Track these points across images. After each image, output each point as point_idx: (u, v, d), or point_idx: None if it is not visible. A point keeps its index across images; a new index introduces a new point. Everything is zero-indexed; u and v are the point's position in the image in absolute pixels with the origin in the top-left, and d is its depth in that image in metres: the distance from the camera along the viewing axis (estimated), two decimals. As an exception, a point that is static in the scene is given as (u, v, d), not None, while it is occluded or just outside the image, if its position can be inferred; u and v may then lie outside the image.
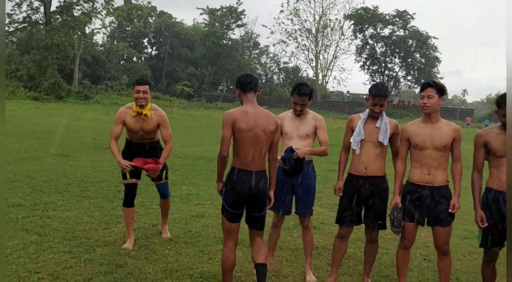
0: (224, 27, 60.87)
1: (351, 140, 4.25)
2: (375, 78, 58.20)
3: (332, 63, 62.48)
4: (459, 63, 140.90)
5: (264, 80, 65.85)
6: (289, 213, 4.62)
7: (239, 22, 61.92)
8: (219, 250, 5.06)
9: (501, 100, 3.74)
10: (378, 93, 4.13)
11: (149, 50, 68.89)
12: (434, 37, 55.74)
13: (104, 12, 45.97)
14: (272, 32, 73.28)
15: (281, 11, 64.08)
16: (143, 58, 67.15)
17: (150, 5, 62.76)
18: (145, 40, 67.34)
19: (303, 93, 4.40)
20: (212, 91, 62.04)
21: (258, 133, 3.69)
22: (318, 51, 61.22)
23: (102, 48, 57.66)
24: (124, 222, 5.33)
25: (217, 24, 60.53)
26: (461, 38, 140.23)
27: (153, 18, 63.83)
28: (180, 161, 11.39)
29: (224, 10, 60.39)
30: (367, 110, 4.25)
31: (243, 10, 61.25)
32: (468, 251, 5.61)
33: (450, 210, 3.89)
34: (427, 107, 3.91)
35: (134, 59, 61.52)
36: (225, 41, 61.31)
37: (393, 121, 4.27)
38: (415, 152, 4.00)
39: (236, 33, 64.12)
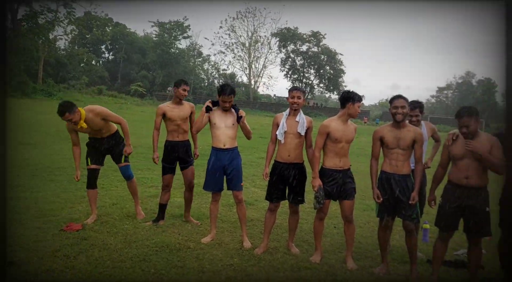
0: (172, 38, 59.31)
1: (277, 133, 4.33)
2: (295, 85, 59.38)
3: (262, 71, 62.96)
4: (358, 74, 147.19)
5: (206, 84, 65.04)
6: (221, 190, 4.62)
7: (185, 34, 60.62)
8: (171, 224, 5.00)
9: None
10: (292, 88, 4.35)
11: (106, 55, 65.66)
12: (340, 54, 57.77)
13: (66, 21, 43.02)
14: (212, 44, 72.82)
15: (220, 27, 63.49)
16: (101, 62, 64.07)
17: (107, 17, 59.73)
18: (103, 47, 64.06)
19: (229, 93, 4.43)
20: (162, 91, 60.45)
21: None
22: (250, 61, 61.37)
23: (64, 52, 54.13)
24: (88, 202, 5.10)
25: (166, 35, 58.82)
26: (360, 55, 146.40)
27: (110, 28, 60.73)
28: (135, 150, 10.96)
29: (172, 23, 58.82)
30: (289, 109, 4.37)
31: (189, 25, 60.04)
32: (367, 220, 5.87)
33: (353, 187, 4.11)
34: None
35: (93, 62, 58.37)
36: (173, 50, 59.81)
37: (308, 118, 4.39)
38: (332, 144, 4.10)
39: (183, 44, 62.75)
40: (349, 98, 4.08)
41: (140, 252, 4.06)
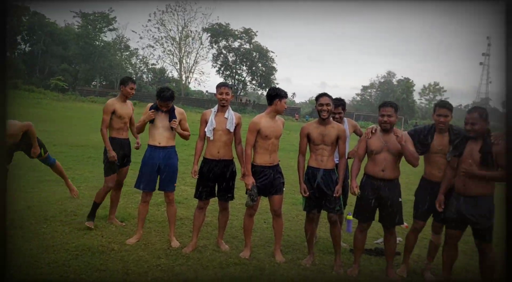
0: (97, 30, 56.34)
1: (206, 129, 4.30)
2: (228, 81, 59.39)
3: (193, 67, 62.20)
4: (290, 73, 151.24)
5: (134, 79, 62.56)
6: (153, 190, 4.52)
7: (111, 27, 57.89)
8: (94, 226, 4.74)
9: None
10: (220, 84, 4.34)
11: (23, 46, 60.59)
12: (272, 52, 58.86)
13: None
14: (141, 38, 70.18)
15: (149, 20, 61.32)
16: (16, 53, 58.94)
17: (23, 5, 55.08)
18: (19, 37, 59.00)
19: (166, 99, 4.36)
20: (86, 86, 57.19)
21: None
22: (181, 56, 60.34)
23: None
24: None
25: (89, 27, 55.72)
26: (292, 54, 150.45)
27: (27, 17, 56.09)
28: (55, 148, 10.30)
29: (97, 15, 55.87)
30: (217, 105, 4.36)
31: (115, 17, 57.42)
32: (296, 214, 6.06)
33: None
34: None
35: (8, 54, 53.51)
36: (97, 43, 56.83)
37: (237, 114, 4.41)
38: (262, 141, 4.14)
39: (108, 36, 59.92)
40: (276, 95, 4.16)
41: (58, 256, 3.80)
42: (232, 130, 4.28)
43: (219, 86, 4.35)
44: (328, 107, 4.05)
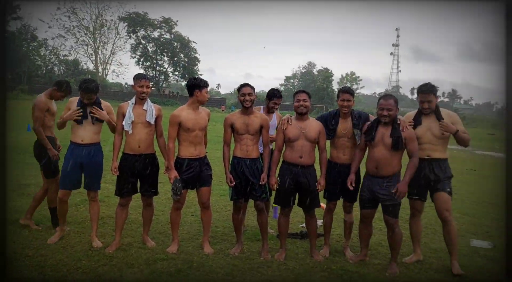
0: (-3, 18, 51.15)
1: (123, 123, 4.13)
2: (148, 73, 57.38)
3: (110, 58, 58.90)
4: (213, 63, 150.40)
5: (44, 71, 57.90)
6: (76, 188, 4.31)
7: (14, 15, 52.72)
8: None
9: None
10: (139, 76, 4.21)
11: None
12: (194, 42, 57.91)
13: None
14: (50, 27, 64.60)
15: (58, 8, 56.46)
16: None
17: None
18: None
19: (89, 90, 4.15)
20: (-13, 80, 51.80)
21: None
22: (96, 47, 56.81)
23: None
24: None
25: (-12, 14, 50.39)
26: (215, 45, 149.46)
27: None
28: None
29: (-4, 1, 50.66)
30: (134, 97, 4.22)
31: (18, 5, 52.34)
32: (224, 205, 6.10)
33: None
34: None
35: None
36: (-1, 32, 51.64)
37: (157, 106, 4.31)
38: (185, 133, 4.09)
39: (12, 26, 54.40)
40: (195, 85, 4.13)
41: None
42: (152, 122, 4.16)
43: (138, 78, 4.19)
44: (250, 97, 4.12)
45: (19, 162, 8.04)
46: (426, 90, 4.04)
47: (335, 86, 64.97)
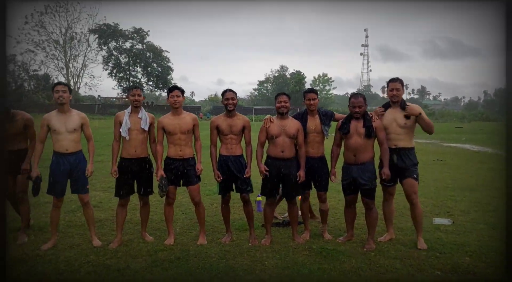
0: (-38, 34, 49.85)
1: (121, 130, 4.58)
2: (122, 84, 57.14)
3: (82, 71, 58.28)
4: (185, 71, 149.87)
5: (14, 87, 56.70)
6: (64, 195, 4.61)
7: (-21, 31, 51.61)
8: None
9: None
10: (131, 86, 4.76)
11: None
12: (166, 51, 58.15)
13: None
14: (18, 42, 63.38)
15: (26, 22, 55.63)
16: None
17: None
18: None
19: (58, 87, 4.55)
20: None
21: None
22: (67, 60, 56.15)
23: None
24: None
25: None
26: (185, 53, 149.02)
27: None
28: None
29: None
30: (130, 106, 4.68)
31: (-17, 19, 51.28)
32: (210, 202, 6.53)
33: (198, 173, 4.68)
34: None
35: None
36: (-36, 49, 50.30)
37: (150, 114, 4.78)
38: (169, 136, 4.62)
39: (-23, 42, 53.09)
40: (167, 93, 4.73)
41: (-19, 270, 3.81)
42: (146, 129, 4.62)
43: (130, 88, 4.69)
44: (233, 101, 4.65)
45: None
46: (394, 79, 4.65)
47: (307, 87, 66.12)
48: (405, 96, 4.74)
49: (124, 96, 56.83)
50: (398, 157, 4.59)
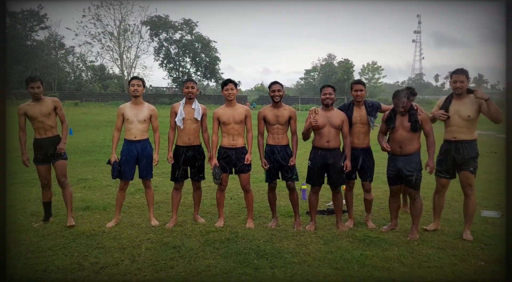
0: (27, 29, 53.38)
1: (176, 119, 4.95)
2: (172, 74, 58.83)
3: (135, 62, 60.80)
4: (231, 61, 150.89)
5: (73, 78, 60.23)
6: (132, 179, 5.08)
7: (43, 25, 55.03)
8: (79, 215, 5.23)
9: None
10: (185, 80, 5.07)
11: None
12: (214, 41, 59.02)
13: None
14: (76, 34, 66.98)
15: (83, 15, 58.73)
16: None
17: None
18: None
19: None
20: (21, 89, 54.28)
21: None
22: (121, 51, 58.72)
23: None
24: None
25: (19, 26, 52.65)
26: (231, 43, 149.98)
27: None
28: (10, 154, 10.38)
29: (26, 13, 52.86)
30: (184, 98, 5.01)
31: (45, 14, 54.59)
32: (257, 190, 6.83)
33: (246, 162, 4.94)
34: (231, 96, 4.89)
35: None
36: (29, 42, 53.91)
37: (203, 105, 5.10)
38: (223, 126, 4.90)
39: (40, 35, 56.80)
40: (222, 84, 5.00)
41: (57, 242, 4.34)
42: (199, 119, 4.96)
43: (184, 81, 5.02)
44: (279, 93, 4.86)
45: (73, 161, 9.04)
46: (459, 70, 4.58)
47: (357, 77, 64.67)
48: None
49: (174, 86, 58.65)
50: (455, 150, 4.58)
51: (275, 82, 4.95)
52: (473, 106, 4.51)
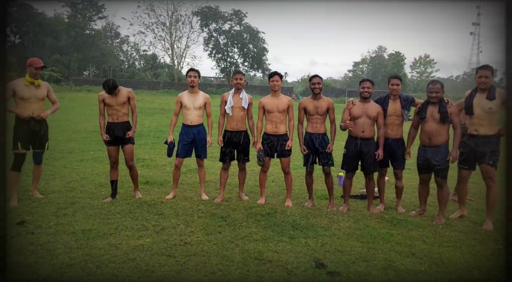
0: (86, 18, 56.62)
1: (226, 107, 5.59)
2: (220, 64, 60.19)
3: (185, 51, 62.89)
4: (278, 52, 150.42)
5: (126, 66, 63.29)
6: (187, 157, 5.83)
7: (100, 15, 58.14)
8: (140, 189, 6.05)
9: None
10: (234, 72, 5.66)
11: (12, 38, 60.68)
12: (262, 32, 59.61)
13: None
14: (131, 24, 70.14)
15: (138, 6, 61.40)
16: (6, 46, 58.86)
17: (8, -4, 54.75)
18: (8, 29, 59.11)
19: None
20: (80, 75, 57.81)
21: None
22: (172, 41, 60.91)
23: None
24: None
25: (79, 15, 55.97)
26: (278, 34, 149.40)
27: (14, 9, 56.06)
28: (76, 135, 11.62)
29: (85, 3, 56.04)
30: (233, 88, 5.64)
31: (103, 4, 57.62)
32: (297, 175, 7.39)
33: (286, 148, 5.50)
34: (276, 86, 5.47)
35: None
36: (88, 31, 57.20)
37: (249, 95, 5.71)
38: (267, 114, 5.49)
39: (98, 24, 60.05)
40: (269, 76, 5.54)
41: (124, 208, 5.17)
42: (246, 107, 5.58)
43: (233, 74, 5.65)
44: (319, 86, 5.37)
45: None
46: (484, 66, 4.89)
47: (407, 70, 62.78)
48: None
49: (221, 76, 60.01)
50: (476, 144, 4.86)
51: (315, 76, 5.46)
52: (496, 100, 4.75)
